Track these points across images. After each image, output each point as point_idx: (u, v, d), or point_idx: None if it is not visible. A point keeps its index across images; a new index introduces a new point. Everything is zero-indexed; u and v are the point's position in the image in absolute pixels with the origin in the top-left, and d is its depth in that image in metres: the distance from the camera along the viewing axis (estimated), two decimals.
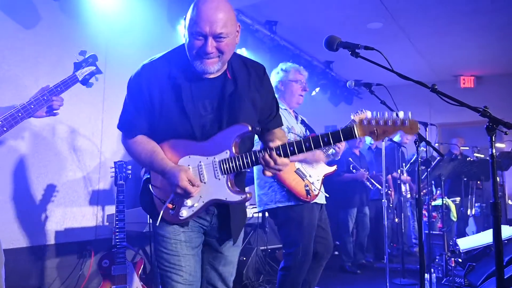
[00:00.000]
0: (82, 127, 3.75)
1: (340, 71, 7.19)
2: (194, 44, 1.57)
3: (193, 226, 1.78)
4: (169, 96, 1.67)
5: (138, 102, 1.71)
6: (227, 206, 1.76)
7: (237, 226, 1.83)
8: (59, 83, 2.07)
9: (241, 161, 1.63)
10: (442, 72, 7.36)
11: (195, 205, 1.68)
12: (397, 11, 5.02)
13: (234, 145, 1.65)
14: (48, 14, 3.50)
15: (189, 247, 1.76)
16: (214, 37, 1.55)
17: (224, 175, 1.65)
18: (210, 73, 1.64)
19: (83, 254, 3.60)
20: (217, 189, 1.67)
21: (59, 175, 3.52)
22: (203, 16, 1.52)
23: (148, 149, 1.70)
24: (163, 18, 4.23)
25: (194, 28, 1.55)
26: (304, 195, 2.71)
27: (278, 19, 5.27)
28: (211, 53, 1.57)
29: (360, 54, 2.20)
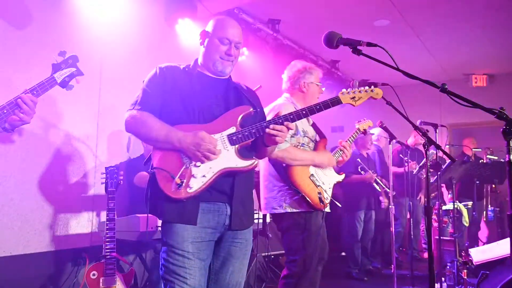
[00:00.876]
0: (76, 130, 3.63)
1: (347, 70, 7.01)
2: (220, 47, 1.96)
3: (204, 236, 1.82)
4: (180, 84, 1.92)
5: (152, 90, 1.92)
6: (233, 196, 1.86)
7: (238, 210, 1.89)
8: (35, 85, 1.92)
9: (247, 132, 1.85)
10: (453, 70, 7.13)
11: (205, 176, 1.77)
12: (405, 7, 4.83)
13: (238, 122, 1.87)
14: (41, 14, 3.39)
15: (197, 258, 1.79)
16: (235, 45, 1.98)
17: (233, 146, 1.84)
18: (225, 73, 2.01)
19: (78, 261, 3.48)
20: (227, 158, 1.82)
21: (52, 180, 3.40)
22: (230, 29, 1.98)
23: (162, 123, 1.83)
24: (161, 19, 4.10)
25: (223, 34, 1.96)
26: (317, 203, 2.60)
27: (281, 17, 5.12)
28: (232, 55, 1.97)
29: (362, 52, 2.03)
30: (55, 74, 2.00)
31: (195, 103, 1.88)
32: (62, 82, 2.03)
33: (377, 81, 3.28)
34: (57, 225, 3.42)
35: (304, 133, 2.75)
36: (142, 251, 3.70)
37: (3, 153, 3.11)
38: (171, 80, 1.92)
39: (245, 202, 1.95)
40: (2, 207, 3.08)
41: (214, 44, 1.96)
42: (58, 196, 3.44)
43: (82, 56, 3.63)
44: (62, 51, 2.04)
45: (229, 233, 1.90)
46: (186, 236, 1.77)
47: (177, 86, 1.91)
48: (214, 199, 1.84)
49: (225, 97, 1.97)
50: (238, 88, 2.04)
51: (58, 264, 3.40)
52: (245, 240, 1.96)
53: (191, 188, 1.74)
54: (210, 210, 1.83)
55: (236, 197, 1.88)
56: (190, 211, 1.78)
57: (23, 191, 3.21)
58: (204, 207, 1.82)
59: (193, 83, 1.93)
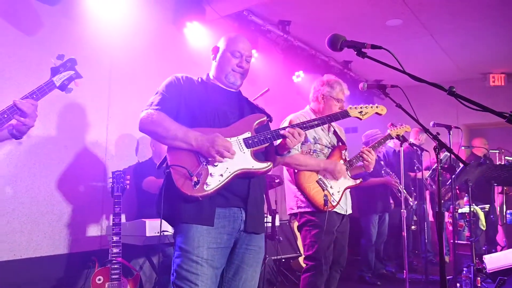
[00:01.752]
0: (86, 134, 3.65)
1: (359, 71, 6.91)
2: (231, 60, 2.07)
3: (220, 241, 1.83)
4: (196, 91, 2.01)
5: (168, 92, 1.98)
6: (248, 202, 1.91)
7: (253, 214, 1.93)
8: (34, 90, 1.93)
9: (262, 137, 1.94)
10: (469, 69, 6.96)
11: (222, 175, 1.81)
12: (418, 6, 4.73)
13: (253, 128, 1.96)
14: (50, 20, 3.42)
15: (210, 266, 1.79)
16: (246, 58, 2.09)
17: (249, 149, 1.91)
18: (237, 85, 2.10)
19: (87, 264, 3.49)
20: (243, 160, 1.88)
21: (61, 184, 3.43)
22: (241, 43, 2.10)
23: (178, 124, 1.88)
24: (169, 23, 4.11)
25: (234, 48, 2.08)
26: (321, 205, 2.81)
27: (292, 18, 5.07)
28: (243, 67, 2.07)
29: (367, 54, 1.98)
30: (53, 77, 2.01)
31: (211, 109, 1.96)
32: (61, 85, 2.03)
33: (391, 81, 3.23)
34: (66, 228, 3.45)
35: (316, 140, 2.95)
36: (151, 254, 3.70)
37: (13, 158, 3.15)
38: (187, 87, 2.00)
39: (259, 205, 2.01)
40: (13, 211, 3.12)
41: (226, 57, 2.08)
42: (68, 199, 3.47)
43: (91, 61, 3.69)
44: (60, 55, 2.05)
45: (243, 238, 1.93)
46: (201, 241, 1.78)
47: (193, 92, 1.99)
48: (229, 204, 1.87)
49: (239, 106, 2.07)
50: (249, 100, 2.17)
51: (68, 267, 3.43)
52: (259, 247, 1.99)
53: (209, 185, 1.77)
54: (226, 215, 1.86)
55: (251, 199, 1.92)
56: (207, 212, 1.80)
57: (33, 195, 3.25)
58: (219, 212, 1.84)
59: (208, 91, 2.03)
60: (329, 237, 2.86)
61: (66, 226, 3.45)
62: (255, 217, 1.95)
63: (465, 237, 5.10)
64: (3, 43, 3.12)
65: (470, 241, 4.65)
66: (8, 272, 3.03)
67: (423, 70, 6.79)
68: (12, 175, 3.13)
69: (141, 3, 3.97)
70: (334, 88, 3.05)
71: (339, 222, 2.99)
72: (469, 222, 4.82)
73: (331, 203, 2.82)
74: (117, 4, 3.77)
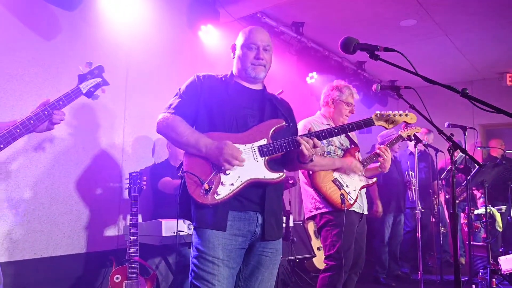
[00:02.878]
0: (103, 136, 3.73)
1: (374, 71, 6.89)
2: (248, 54, 2.00)
3: (235, 243, 1.84)
4: (217, 91, 1.98)
5: (188, 96, 1.98)
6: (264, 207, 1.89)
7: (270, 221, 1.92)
8: (61, 96, 2.00)
9: (278, 145, 1.89)
10: (486, 69, 6.88)
11: (233, 184, 1.81)
12: (432, 6, 4.70)
13: (270, 134, 1.91)
14: (69, 25, 3.51)
15: (226, 266, 1.81)
16: (263, 48, 2.01)
17: (263, 158, 1.88)
18: (259, 78, 2.04)
19: (105, 263, 3.57)
20: (255, 169, 1.85)
21: (80, 185, 3.51)
22: (255, 34, 2.02)
23: (192, 129, 1.90)
24: (183, 25, 4.16)
25: (249, 41, 2.00)
26: (338, 204, 2.84)
27: (305, 20, 5.09)
28: (262, 59, 1.99)
29: (380, 57, 2.00)
30: (80, 84, 2.08)
31: (231, 112, 1.93)
32: (87, 92, 2.11)
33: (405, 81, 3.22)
34: (84, 228, 3.53)
35: (329, 142, 2.98)
36: (167, 254, 3.76)
37: (34, 160, 3.23)
38: (208, 88, 1.98)
39: (276, 212, 1.98)
40: (33, 211, 3.20)
41: (243, 53, 2.02)
42: (86, 200, 3.55)
43: (108, 64, 3.75)
44: (89, 62, 2.12)
45: (259, 242, 1.92)
46: (217, 243, 1.80)
47: (214, 94, 1.97)
48: (245, 208, 1.87)
49: (260, 108, 2.01)
50: (273, 100, 2.08)
51: (86, 266, 3.51)
52: (275, 250, 1.98)
53: (219, 195, 1.78)
54: (241, 218, 1.87)
55: (268, 208, 1.90)
56: (220, 218, 1.81)
57: (53, 195, 3.33)
58: (235, 215, 1.85)
59: (230, 92, 1.99)
60: (349, 236, 2.88)
61: (84, 226, 3.53)
62: (272, 226, 1.93)
63: (481, 239, 5.05)
64: (23, 47, 3.21)
65: (486, 243, 4.61)
66: (28, 271, 3.12)
67: (438, 70, 6.74)
68: (32, 176, 3.21)
69: (156, 7, 4.05)
70: (343, 92, 3.09)
71: (358, 222, 3.01)
72: (486, 223, 4.78)
73: (348, 201, 2.86)
74: (133, 8, 3.84)
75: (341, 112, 3.08)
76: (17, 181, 3.12)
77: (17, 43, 3.18)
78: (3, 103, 3.07)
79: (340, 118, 3.10)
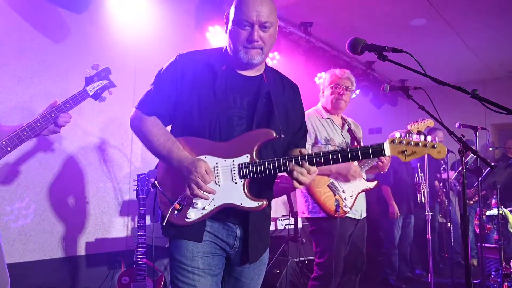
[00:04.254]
0: (111, 137, 3.75)
1: (383, 71, 6.82)
2: (240, 34, 1.57)
3: (214, 250, 1.64)
4: (201, 82, 1.62)
5: (164, 88, 1.66)
6: (248, 224, 1.63)
7: (256, 244, 1.67)
8: (68, 99, 2.01)
9: (262, 167, 1.54)
10: (498, 68, 6.78)
11: (205, 208, 1.56)
12: (442, 5, 4.64)
13: (256, 150, 1.57)
14: (77, 27, 3.53)
15: (208, 275, 1.61)
16: (260, 26, 1.56)
17: (242, 180, 1.56)
18: (254, 63, 1.62)
19: (114, 265, 3.59)
20: (232, 193, 1.56)
21: (89, 186, 3.54)
22: (249, 5, 1.55)
23: (167, 136, 1.61)
24: (191, 26, 4.16)
25: (240, 16, 1.55)
26: (332, 211, 2.67)
27: (313, 19, 5.05)
28: (256, 41, 1.57)
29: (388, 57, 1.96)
30: (87, 87, 2.09)
31: (214, 114, 1.59)
32: (94, 94, 2.11)
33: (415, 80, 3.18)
34: (93, 229, 3.55)
35: (327, 141, 2.80)
36: None
37: (43, 161, 3.26)
38: (191, 76, 1.64)
39: (261, 230, 1.73)
40: (43, 213, 3.23)
41: (233, 31, 1.60)
42: (95, 201, 3.57)
43: (116, 66, 3.76)
44: (95, 64, 2.12)
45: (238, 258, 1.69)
46: (195, 251, 1.60)
47: (197, 84, 1.62)
48: (224, 219, 1.64)
49: (253, 105, 1.64)
50: (270, 93, 1.67)
51: (95, 267, 3.53)
52: (259, 260, 1.74)
53: (189, 218, 1.57)
54: (220, 227, 1.65)
55: (252, 229, 1.64)
56: (196, 228, 1.61)
57: (62, 197, 3.36)
58: (213, 223, 1.64)
59: (217, 83, 1.62)
60: (341, 245, 2.73)
61: (93, 227, 3.55)
62: (257, 247, 1.70)
63: (493, 240, 4.97)
64: (32, 50, 3.24)
65: (498, 244, 4.53)
66: (38, 272, 3.14)
67: (450, 69, 6.65)
68: (42, 178, 3.24)
69: (164, 9, 4.06)
70: (326, 77, 2.98)
71: (354, 228, 2.85)
72: (498, 225, 4.70)
73: (342, 208, 2.67)
74: (140, 10, 3.86)
75: (328, 100, 2.91)
76: (26, 182, 3.15)
77: (26, 46, 3.21)
78: (13, 105, 3.10)
79: (329, 104, 2.92)
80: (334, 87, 2.90)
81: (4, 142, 1.80)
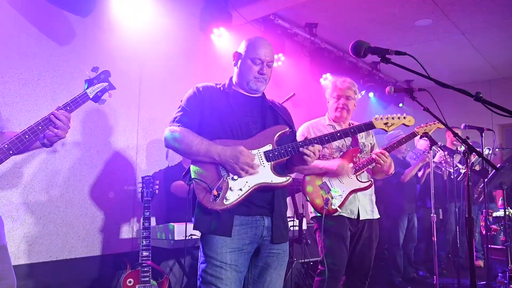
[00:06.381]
0: (117, 139, 3.77)
1: (389, 72, 6.80)
2: (252, 68, 2.05)
3: (242, 247, 1.87)
4: (218, 101, 2.02)
5: (190, 110, 2.02)
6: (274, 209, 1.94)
7: (279, 223, 1.97)
8: (68, 102, 2.01)
9: (283, 150, 1.94)
10: (505, 68, 6.72)
11: (242, 189, 1.85)
12: (448, 6, 4.62)
13: (275, 139, 1.97)
14: (82, 30, 3.55)
15: (234, 270, 1.84)
16: (267, 63, 2.07)
17: (269, 162, 1.92)
18: (259, 91, 2.10)
19: (119, 266, 3.61)
20: (263, 174, 1.90)
21: (94, 189, 3.56)
22: (261, 48, 2.06)
23: (201, 138, 1.92)
24: (196, 28, 4.18)
25: (254, 55, 2.04)
26: (318, 208, 2.79)
27: (318, 20, 5.05)
28: (265, 74, 2.05)
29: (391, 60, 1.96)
30: (87, 89, 2.09)
31: (233, 120, 1.97)
32: (94, 97, 2.12)
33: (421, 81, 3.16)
34: (99, 231, 3.58)
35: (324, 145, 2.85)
36: (181, 256, 3.78)
37: (49, 164, 3.29)
38: (208, 99, 2.02)
39: (284, 215, 2.04)
40: (49, 214, 3.26)
41: (247, 65, 2.06)
42: (100, 203, 3.59)
43: (121, 69, 3.81)
44: (95, 67, 2.13)
45: (267, 244, 1.96)
46: (224, 248, 1.84)
47: (215, 104, 2.01)
48: (251, 212, 1.91)
49: (262, 114, 2.06)
50: (273, 106, 2.13)
51: (101, 268, 3.55)
52: (283, 251, 2.01)
53: (228, 200, 1.83)
54: (248, 222, 1.90)
55: (276, 211, 1.95)
56: (225, 224, 1.86)
57: (68, 198, 3.38)
58: (242, 219, 1.89)
59: (230, 101, 2.03)
60: (337, 242, 2.82)
61: (99, 228, 3.57)
62: (281, 229, 1.98)
63: (500, 241, 4.94)
64: (38, 53, 3.27)
65: (505, 246, 4.50)
66: (44, 273, 3.17)
67: (456, 70, 6.61)
68: (47, 180, 3.27)
69: (168, 11, 4.07)
70: (328, 88, 3.10)
71: (354, 228, 2.90)
72: (504, 226, 4.67)
73: (331, 206, 2.76)
74: (145, 13, 3.87)
75: (331, 109, 3.05)
76: (32, 184, 3.17)
77: (32, 49, 3.24)
78: (19, 108, 3.13)
79: (333, 115, 3.04)
80: (337, 98, 3.00)
81: (6, 145, 1.81)
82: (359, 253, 2.92)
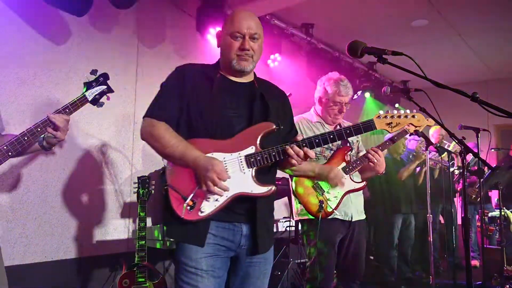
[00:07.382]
0: (112, 139, 3.76)
1: (385, 72, 6.82)
2: (233, 44, 1.78)
3: (218, 253, 1.73)
4: (200, 88, 1.79)
5: (170, 96, 1.81)
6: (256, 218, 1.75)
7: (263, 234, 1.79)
8: (67, 104, 2.01)
9: (267, 155, 1.72)
10: (500, 69, 6.76)
11: (218, 200, 1.68)
12: (444, 6, 4.64)
13: (259, 141, 1.73)
14: (78, 29, 3.53)
15: (211, 276, 1.70)
16: (250, 37, 1.78)
17: (250, 169, 1.72)
18: (245, 71, 1.81)
19: (115, 267, 3.59)
20: (242, 182, 1.71)
21: (90, 188, 3.54)
22: (241, 20, 1.79)
23: (178, 138, 1.73)
24: (192, 28, 4.17)
25: (233, 29, 1.77)
26: (314, 212, 2.66)
27: (315, 21, 5.06)
28: (247, 49, 1.77)
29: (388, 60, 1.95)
30: (86, 92, 2.09)
31: (215, 115, 1.75)
32: (93, 99, 2.12)
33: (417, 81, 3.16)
34: (95, 231, 3.56)
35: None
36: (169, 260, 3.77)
37: (44, 164, 3.27)
38: (190, 86, 1.80)
39: (268, 222, 1.87)
40: (44, 215, 3.24)
41: (227, 42, 1.80)
42: (96, 203, 3.58)
43: (118, 69, 3.79)
44: (94, 70, 2.13)
45: (246, 253, 1.80)
46: (200, 253, 1.69)
47: (197, 93, 1.79)
48: (230, 218, 1.75)
49: (249, 106, 1.82)
50: (264, 95, 1.86)
51: (96, 269, 3.53)
52: (264, 259, 1.85)
53: (203, 212, 1.67)
54: (225, 227, 1.75)
55: (260, 221, 1.77)
56: (199, 232, 1.70)
57: (63, 199, 3.36)
58: (218, 224, 1.74)
59: (214, 90, 1.79)
60: (328, 246, 2.72)
61: (94, 229, 3.55)
62: (265, 238, 1.80)
63: (495, 242, 4.96)
64: (34, 52, 3.25)
65: (501, 246, 4.52)
66: (39, 274, 3.15)
67: (452, 70, 6.64)
68: (42, 180, 3.25)
69: (165, 11, 4.06)
70: (330, 89, 2.86)
71: (346, 230, 2.81)
72: (500, 226, 4.68)
73: (326, 209, 2.65)
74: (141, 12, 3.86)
75: (328, 112, 2.87)
76: (27, 185, 3.15)
77: (27, 48, 3.22)
78: (15, 108, 3.11)
79: (328, 117, 2.88)
80: (334, 104, 2.85)
81: (5, 147, 1.81)
82: (353, 254, 2.83)
